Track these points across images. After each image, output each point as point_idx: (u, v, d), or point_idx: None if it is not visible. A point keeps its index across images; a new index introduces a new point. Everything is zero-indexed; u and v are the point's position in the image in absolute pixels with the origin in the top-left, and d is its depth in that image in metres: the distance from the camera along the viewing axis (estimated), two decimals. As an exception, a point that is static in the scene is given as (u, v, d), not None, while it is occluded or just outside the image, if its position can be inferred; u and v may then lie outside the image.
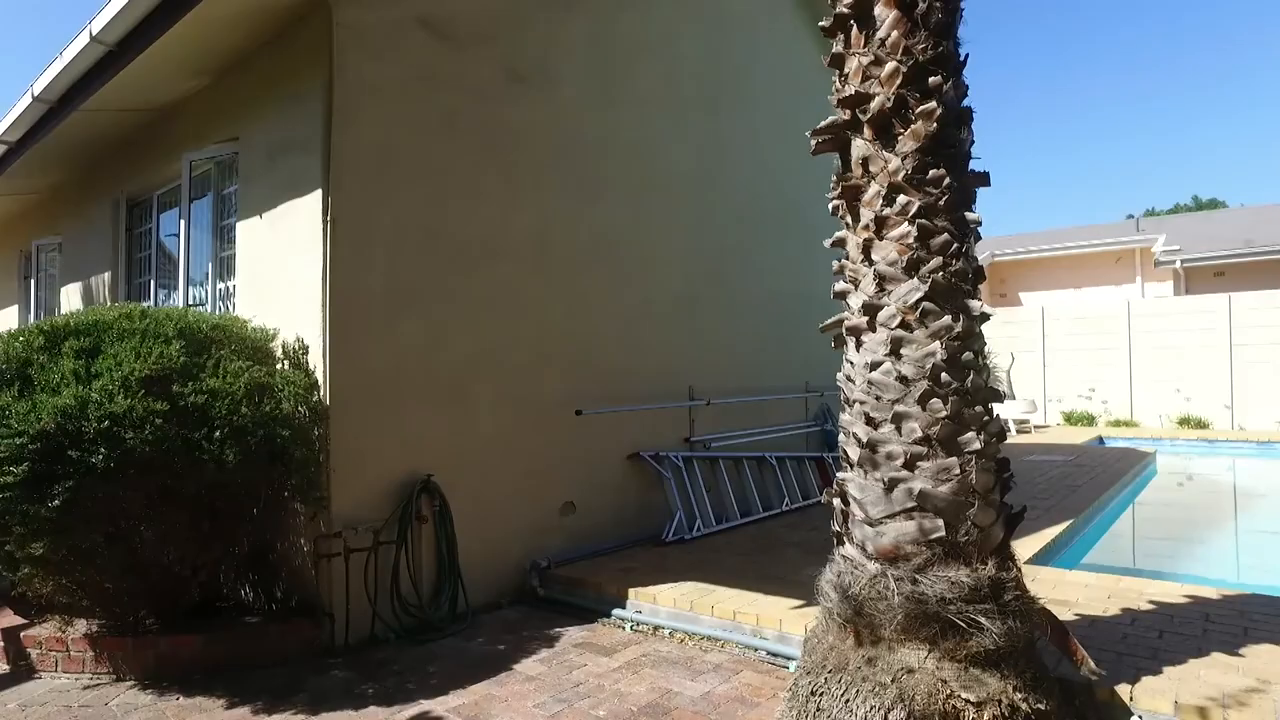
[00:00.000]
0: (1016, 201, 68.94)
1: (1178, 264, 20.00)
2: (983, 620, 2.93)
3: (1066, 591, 4.69)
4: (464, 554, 5.35)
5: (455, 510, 5.33)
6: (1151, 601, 4.41)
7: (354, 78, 4.95)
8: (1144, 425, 16.97)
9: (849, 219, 3.35)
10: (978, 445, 3.03)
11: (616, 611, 5.11)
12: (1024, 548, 5.79)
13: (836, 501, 3.36)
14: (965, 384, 3.07)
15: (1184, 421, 16.50)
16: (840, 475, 3.38)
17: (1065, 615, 4.24)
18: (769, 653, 4.34)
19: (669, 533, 6.66)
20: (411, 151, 5.30)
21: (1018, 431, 16.47)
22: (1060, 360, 18.22)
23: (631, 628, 4.92)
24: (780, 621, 4.40)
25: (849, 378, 3.34)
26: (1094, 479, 9.51)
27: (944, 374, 3.04)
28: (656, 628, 4.87)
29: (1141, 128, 61.95)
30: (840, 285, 3.41)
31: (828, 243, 3.50)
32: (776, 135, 8.91)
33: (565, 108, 6.45)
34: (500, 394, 5.78)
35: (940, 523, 3.00)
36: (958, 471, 3.02)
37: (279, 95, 5.27)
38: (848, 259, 3.38)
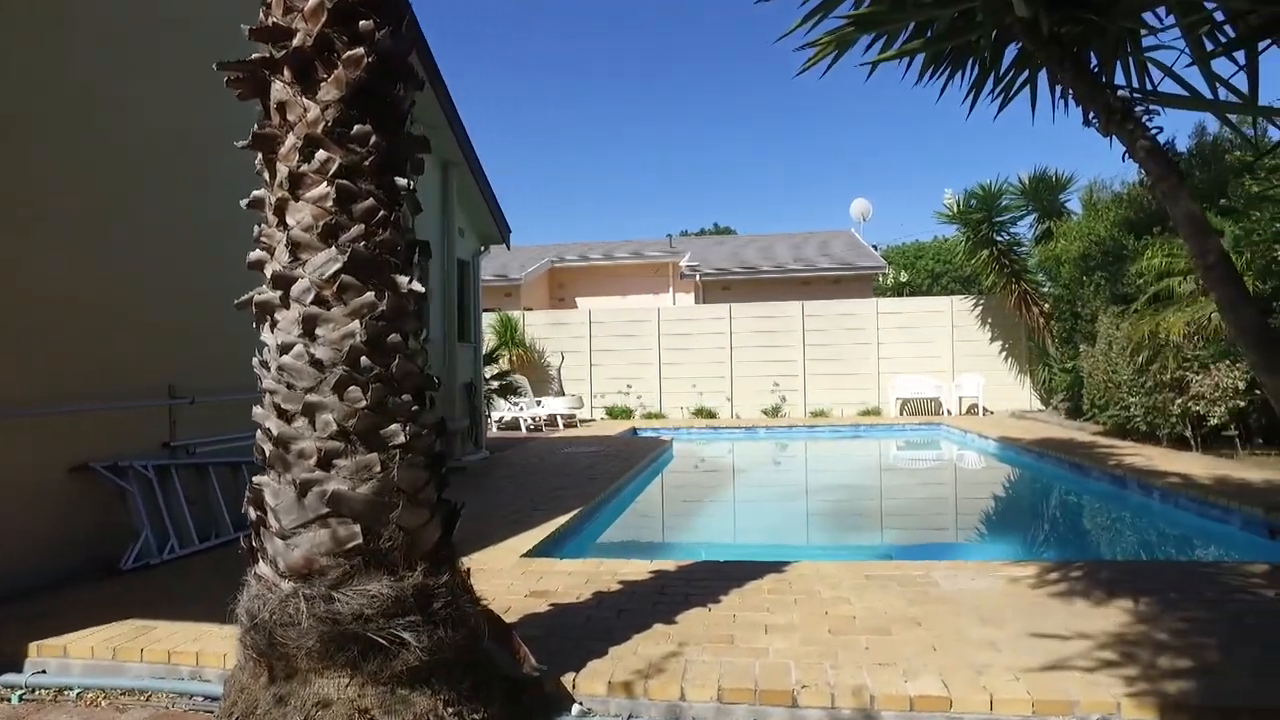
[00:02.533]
0: (584, 212, 75.01)
1: (697, 278, 23.21)
2: (407, 635, 2.61)
3: (551, 581, 4.73)
4: None
5: None
6: (622, 582, 4.64)
7: None
8: (670, 417, 19.26)
9: (267, 175, 2.82)
10: (403, 439, 2.72)
11: (7, 677, 3.90)
12: (525, 540, 5.83)
13: (252, 511, 2.81)
14: (390, 369, 2.74)
15: (699, 412, 19.09)
16: (256, 479, 2.83)
17: (542, 606, 4.23)
18: (207, 697, 3.60)
19: (130, 558, 5.44)
20: None
21: (564, 426, 17.52)
22: (605, 359, 19.86)
23: (21, 698, 3.77)
24: (225, 657, 3.69)
25: (264, 363, 2.81)
26: (615, 467, 10.31)
27: (364, 358, 2.67)
28: (63, 690, 3.79)
29: (686, 155, 72.01)
30: (256, 254, 2.86)
31: (244, 203, 2.92)
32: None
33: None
34: None
35: (357, 529, 2.62)
36: (379, 469, 2.67)
37: None
38: (266, 223, 2.84)
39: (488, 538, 5.90)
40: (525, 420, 17.08)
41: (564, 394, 19.72)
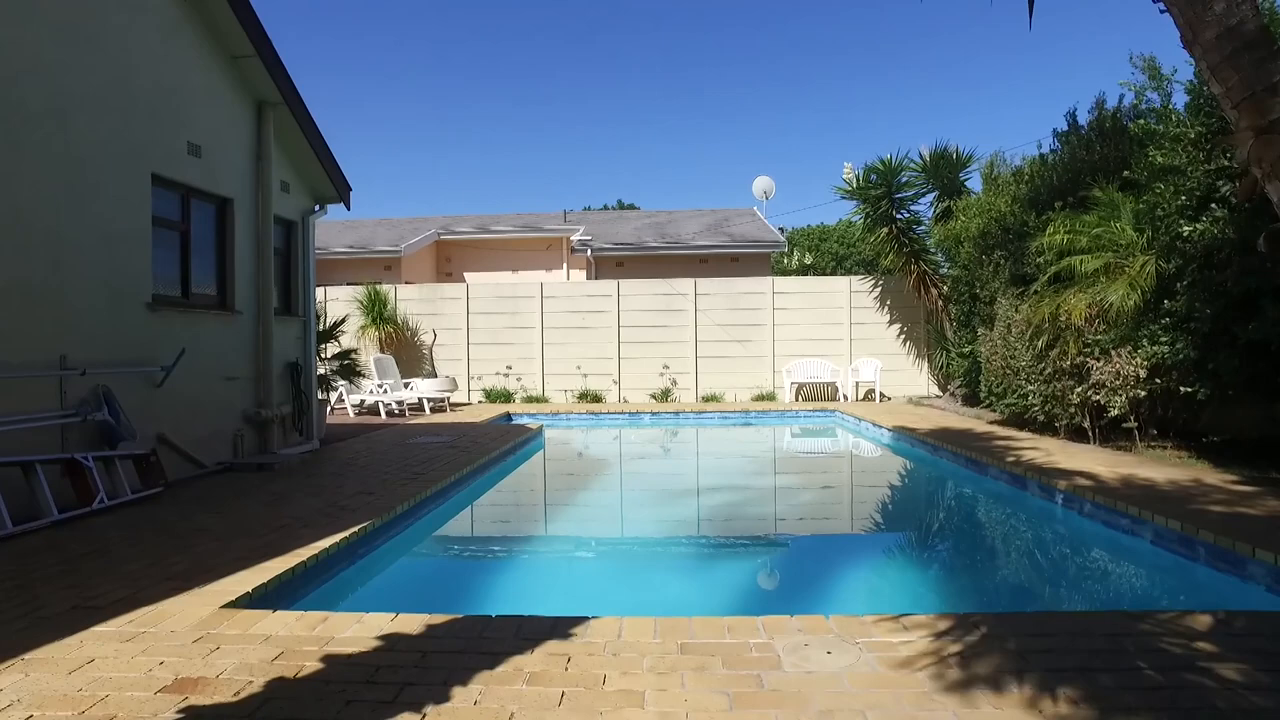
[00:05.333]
0: (484, 188, 71.93)
1: (589, 253, 21.71)
2: None
3: (225, 656, 3.18)
4: None
5: None
6: (328, 657, 3.15)
7: None
8: (553, 401, 17.78)
9: None
10: None
11: None
12: (254, 576, 4.25)
13: None
14: None
15: (583, 396, 17.67)
16: None
17: (168, 712, 2.71)
18: None
19: None
20: None
21: (432, 410, 15.82)
22: (484, 338, 18.21)
23: None
24: None
25: None
26: (460, 460, 8.78)
27: None
28: None
29: (593, 134, 69.79)
30: None
31: None
32: (46, 16, 6.35)
33: None
34: None
35: None
36: None
37: None
38: None
39: (204, 573, 4.31)
40: (389, 405, 15.29)
41: (436, 375, 17.97)
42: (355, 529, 5.41)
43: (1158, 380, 8.54)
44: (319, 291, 18.75)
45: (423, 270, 23.55)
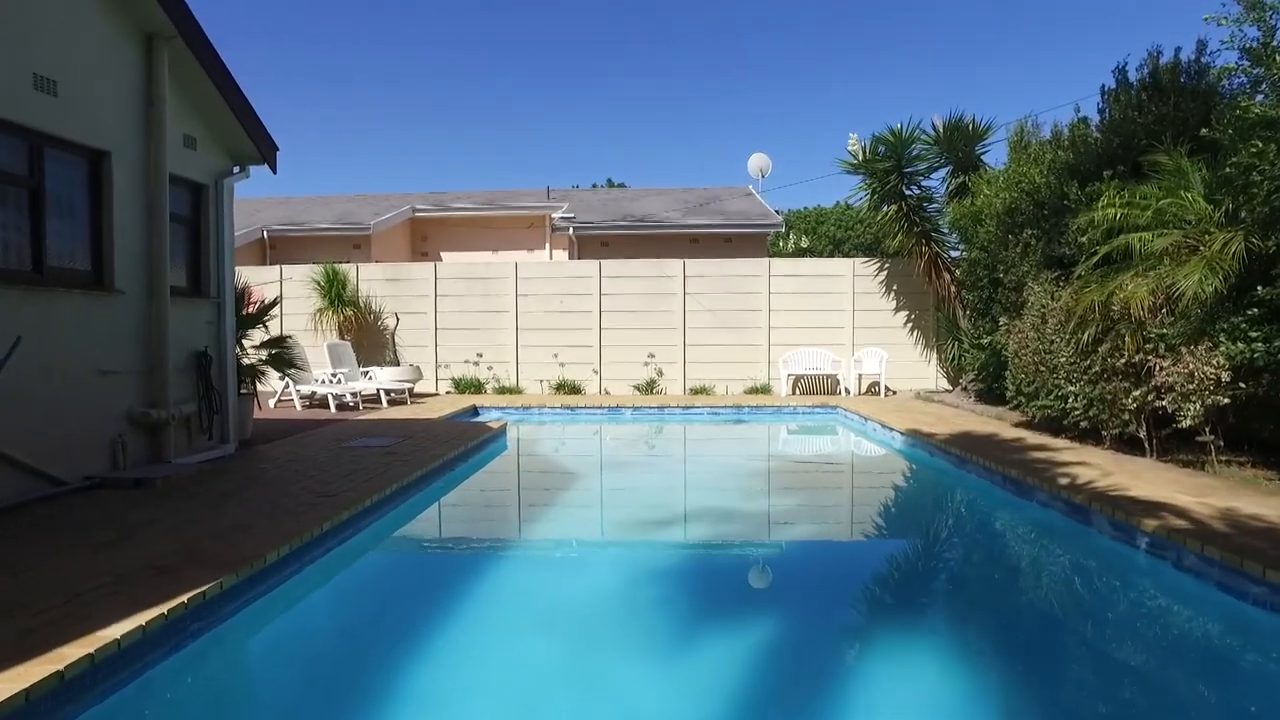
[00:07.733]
0: (471, 167, 69.48)
1: (571, 231, 20.05)
2: None
3: None
4: None
5: None
6: None
7: None
8: (528, 392, 16.21)
9: None
10: None
11: None
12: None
13: None
14: None
15: (561, 387, 16.08)
16: None
17: None
18: None
19: None
20: None
21: (389, 403, 14.19)
22: (454, 322, 16.58)
23: None
24: None
25: None
26: (380, 475, 7.18)
27: None
28: None
29: (579, 111, 67.45)
30: None
31: None
32: None
33: None
34: None
35: None
36: None
37: None
38: None
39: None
40: (341, 397, 13.65)
41: (399, 363, 16.35)
42: (184, 598, 3.81)
43: (1243, 385, 6.98)
44: (272, 270, 17.11)
45: (396, 249, 21.89)
